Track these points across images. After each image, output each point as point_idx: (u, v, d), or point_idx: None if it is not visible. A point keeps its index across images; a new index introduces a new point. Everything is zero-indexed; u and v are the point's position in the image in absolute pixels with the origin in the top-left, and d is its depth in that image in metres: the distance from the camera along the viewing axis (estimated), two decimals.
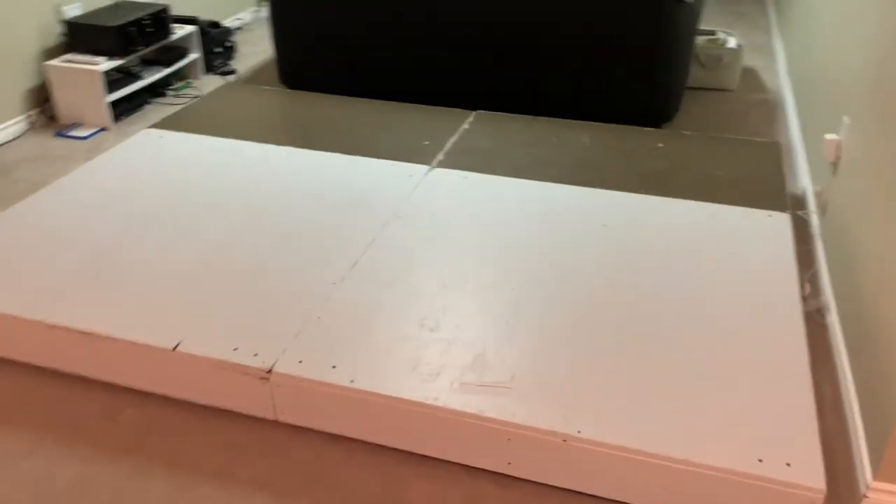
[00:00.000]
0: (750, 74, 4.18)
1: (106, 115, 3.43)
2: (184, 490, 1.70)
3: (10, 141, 3.35)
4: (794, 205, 2.81)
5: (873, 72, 2.19)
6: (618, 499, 1.66)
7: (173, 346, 1.86)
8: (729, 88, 3.97)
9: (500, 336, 1.89)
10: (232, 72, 4.20)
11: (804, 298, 2.31)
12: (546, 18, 3.24)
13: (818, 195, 2.60)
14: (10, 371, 2.03)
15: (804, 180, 2.92)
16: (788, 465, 1.53)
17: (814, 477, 1.50)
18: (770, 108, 3.74)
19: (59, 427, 1.86)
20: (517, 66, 3.35)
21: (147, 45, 3.61)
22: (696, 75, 3.92)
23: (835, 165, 2.46)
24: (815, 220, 2.63)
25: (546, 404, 1.68)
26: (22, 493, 1.69)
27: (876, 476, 1.62)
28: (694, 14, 3.30)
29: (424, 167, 2.73)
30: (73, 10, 3.54)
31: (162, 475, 1.74)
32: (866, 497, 1.64)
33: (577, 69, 3.28)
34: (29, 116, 3.44)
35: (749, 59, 4.38)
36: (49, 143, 3.34)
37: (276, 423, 1.87)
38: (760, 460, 1.54)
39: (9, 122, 3.35)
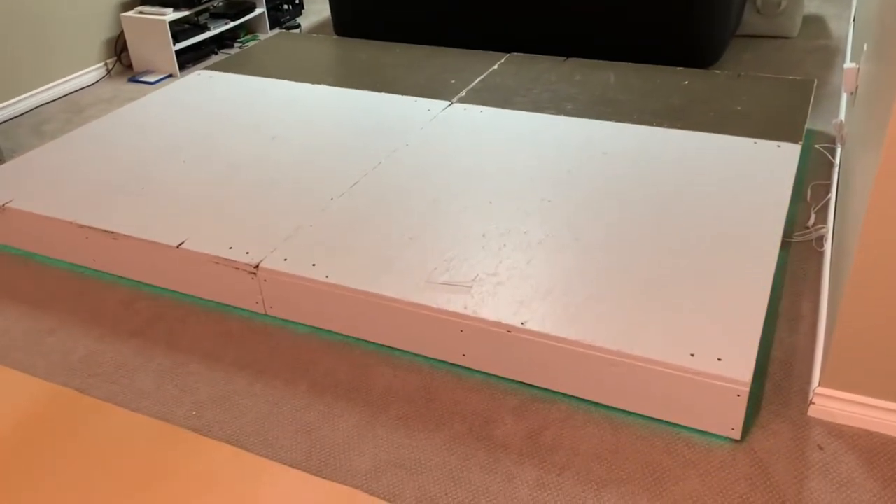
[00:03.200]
0: (816, 22, 4.01)
1: (173, 62, 3.72)
2: (176, 366, 1.91)
3: (90, 85, 3.70)
4: (830, 142, 2.73)
5: None
6: (558, 389, 1.73)
7: (178, 244, 2.06)
8: (789, 35, 3.82)
9: (475, 246, 1.99)
10: (297, 26, 4.43)
11: (807, 227, 2.27)
12: None
13: (838, 127, 2.52)
14: (47, 267, 2.31)
15: (842, 117, 2.82)
16: (719, 360, 1.56)
17: (741, 371, 1.52)
18: (830, 54, 3.59)
19: (81, 312, 2.11)
20: (559, 8, 3.38)
21: None
22: (752, 22, 3.80)
23: (853, 96, 2.38)
24: (837, 152, 2.55)
25: (498, 301, 1.77)
26: (42, 360, 1.95)
27: (821, 382, 1.62)
28: None
29: (444, 102, 2.84)
30: None
31: (160, 354, 1.95)
32: (812, 403, 1.64)
33: (617, 9, 3.27)
34: (106, 64, 3.78)
35: (819, 7, 4.20)
36: (122, 88, 3.67)
37: (267, 319, 2.05)
38: (692, 354, 1.57)
39: (89, 69, 3.70)
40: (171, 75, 3.76)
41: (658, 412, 1.63)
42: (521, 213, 2.11)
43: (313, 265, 1.95)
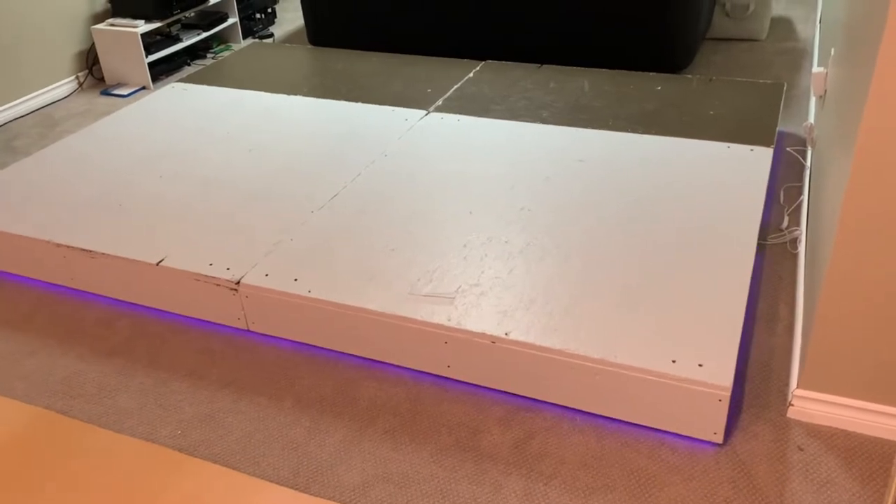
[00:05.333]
0: (783, 24, 4.07)
1: (145, 75, 3.69)
2: (159, 385, 1.90)
3: (62, 99, 3.66)
4: (801, 144, 2.78)
5: None
6: (543, 398, 1.75)
7: (157, 261, 2.05)
8: (757, 38, 3.88)
9: (456, 256, 2.00)
10: (270, 35, 4.41)
11: (781, 230, 2.31)
12: None
13: (808, 129, 2.57)
14: (24, 287, 2.28)
15: (812, 119, 2.87)
16: (700, 365, 1.58)
17: (722, 377, 1.55)
18: (798, 56, 3.65)
19: (61, 332, 2.09)
20: (530, 15, 3.40)
21: (184, 10, 3.85)
22: (721, 24, 3.86)
23: (822, 99, 2.43)
24: (808, 154, 2.60)
25: (482, 311, 1.78)
26: (21, 383, 1.92)
27: (799, 384, 1.65)
28: None
29: (421, 111, 2.85)
30: None
31: (142, 373, 1.94)
32: (791, 405, 1.67)
33: (588, 16, 3.31)
34: (77, 77, 3.74)
35: (786, 9, 4.27)
36: (94, 101, 3.63)
37: (248, 334, 2.04)
38: (674, 361, 1.60)
39: (61, 82, 3.66)
40: (143, 87, 3.73)
41: (641, 418, 1.66)
42: (501, 222, 2.13)
43: (295, 280, 1.95)
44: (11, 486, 1.63)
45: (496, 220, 2.14)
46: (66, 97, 3.68)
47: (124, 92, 3.68)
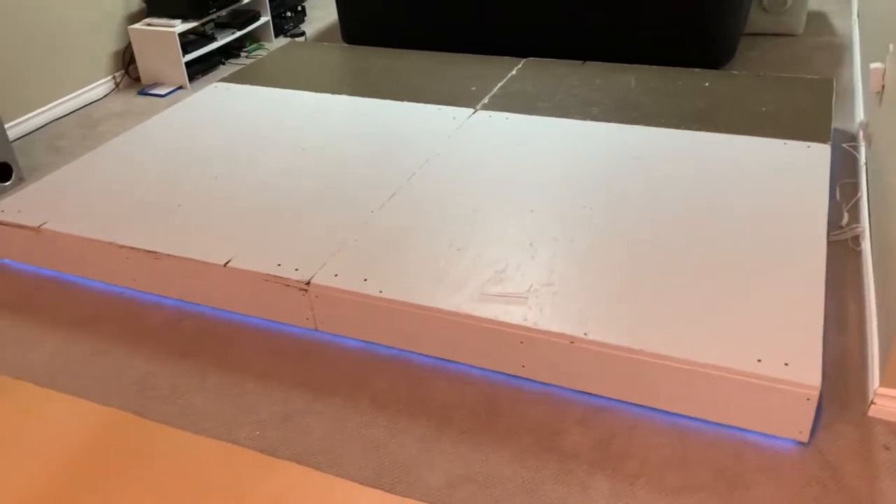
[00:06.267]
0: (819, 19, 4.06)
1: (183, 74, 3.69)
2: (233, 385, 1.90)
3: (99, 99, 3.66)
4: (849, 140, 2.77)
5: None
6: (622, 398, 1.75)
7: (224, 262, 2.05)
8: (794, 33, 3.87)
9: (524, 255, 2.00)
10: (301, 34, 4.41)
11: (841, 227, 2.30)
12: None
13: (864, 126, 2.56)
14: (87, 290, 2.29)
15: (860, 115, 2.86)
16: (786, 364, 1.58)
17: (810, 376, 1.55)
18: (836, 51, 3.64)
19: (127, 334, 2.10)
20: (571, 12, 3.39)
21: (220, 9, 3.85)
22: (757, 20, 3.85)
23: (880, 95, 2.42)
24: (862, 151, 2.59)
25: (557, 311, 1.78)
26: (95, 384, 1.93)
27: (882, 382, 1.65)
28: None
29: (469, 110, 2.84)
30: None
31: (214, 374, 1.94)
32: (874, 403, 1.67)
33: (629, 12, 3.30)
34: (114, 77, 3.74)
35: (821, 4, 4.25)
36: (132, 101, 3.63)
37: (316, 335, 2.05)
38: (759, 360, 1.60)
39: (99, 82, 3.66)
40: (181, 87, 3.73)
41: (725, 418, 1.66)
42: (564, 221, 2.12)
43: (365, 280, 1.95)
44: (96, 488, 1.64)
45: (560, 218, 2.14)
46: (103, 97, 3.68)
47: (162, 92, 3.68)
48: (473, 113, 2.81)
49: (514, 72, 3.17)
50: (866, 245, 2.15)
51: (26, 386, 1.93)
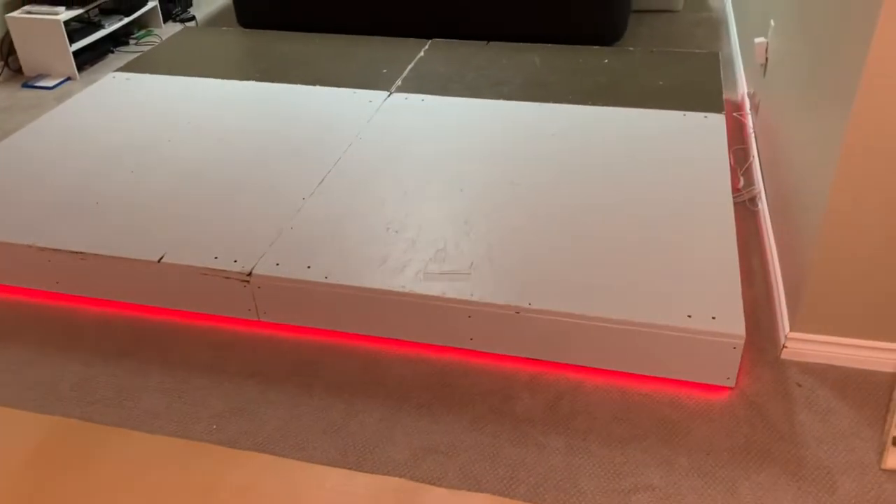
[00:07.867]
0: None
1: (71, 64, 3.51)
2: (180, 382, 1.88)
3: None
4: (735, 109, 3.00)
5: None
6: (567, 361, 1.86)
7: (158, 258, 2.01)
8: (674, 9, 4.11)
9: (459, 233, 2.07)
10: (191, 18, 4.27)
11: (738, 190, 2.51)
12: None
13: (751, 96, 2.78)
14: (6, 296, 2.18)
15: (743, 85, 3.10)
16: (714, 318, 1.74)
17: (735, 326, 1.71)
18: (714, 26, 3.90)
19: (56, 339, 2.02)
20: None
21: None
22: None
23: (764, 67, 2.64)
24: (750, 119, 2.82)
25: (500, 284, 1.87)
26: (31, 393, 1.86)
27: (792, 328, 1.84)
28: None
29: (384, 93, 2.87)
30: None
31: (158, 372, 1.91)
32: (785, 347, 1.86)
33: None
34: None
35: None
36: (17, 94, 3.42)
37: (257, 325, 2.05)
38: (689, 316, 1.75)
39: None
40: (69, 78, 3.54)
41: (659, 371, 1.80)
42: (495, 198, 2.21)
43: (308, 267, 1.96)
44: (51, 499, 1.59)
45: (490, 195, 2.22)
46: None
47: (49, 84, 3.48)
48: (389, 95, 2.85)
49: (421, 53, 3.21)
50: (763, 205, 2.36)
51: None
